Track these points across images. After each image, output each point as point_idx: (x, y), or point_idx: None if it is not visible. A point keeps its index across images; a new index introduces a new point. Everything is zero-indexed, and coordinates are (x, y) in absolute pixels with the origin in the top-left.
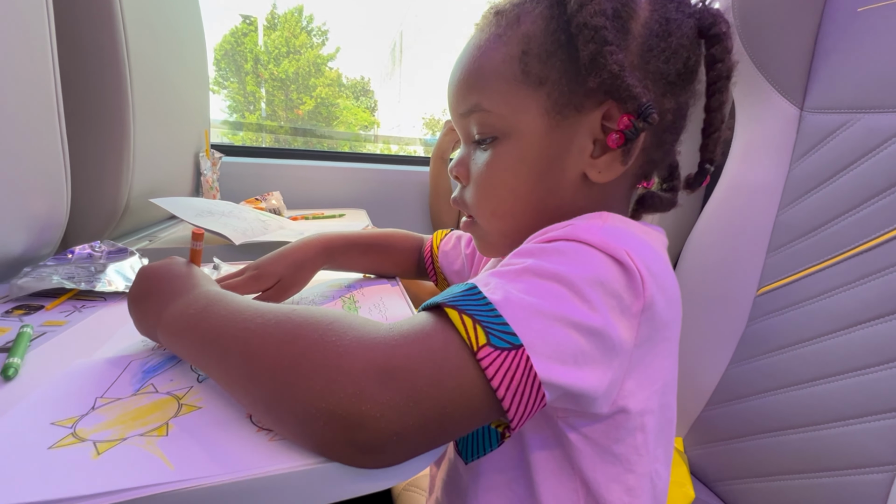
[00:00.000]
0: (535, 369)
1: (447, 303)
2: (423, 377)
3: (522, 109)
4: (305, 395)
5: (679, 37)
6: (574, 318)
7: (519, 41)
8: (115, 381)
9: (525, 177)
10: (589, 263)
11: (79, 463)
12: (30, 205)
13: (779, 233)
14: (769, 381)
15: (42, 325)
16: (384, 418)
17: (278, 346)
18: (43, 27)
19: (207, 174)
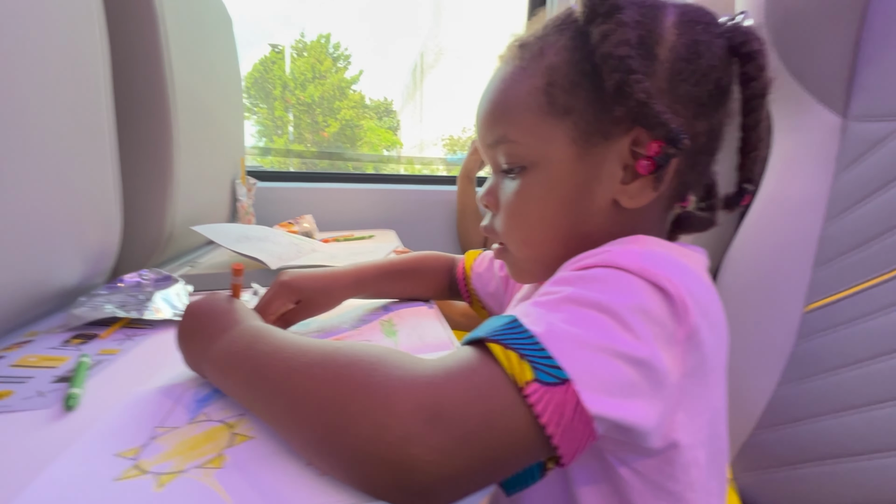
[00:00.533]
0: (584, 404)
1: (490, 337)
2: (472, 418)
3: (549, 139)
4: (354, 440)
5: (709, 58)
6: (619, 349)
7: (543, 73)
8: (171, 410)
9: (554, 205)
10: (629, 291)
11: (143, 496)
12: (86, 236)
13: (826, 247)
14: (823, 403)
15: (98, 353)
16: (435, 462)
17: (323, 388)
18: (99, 71)
19: (243, 200)
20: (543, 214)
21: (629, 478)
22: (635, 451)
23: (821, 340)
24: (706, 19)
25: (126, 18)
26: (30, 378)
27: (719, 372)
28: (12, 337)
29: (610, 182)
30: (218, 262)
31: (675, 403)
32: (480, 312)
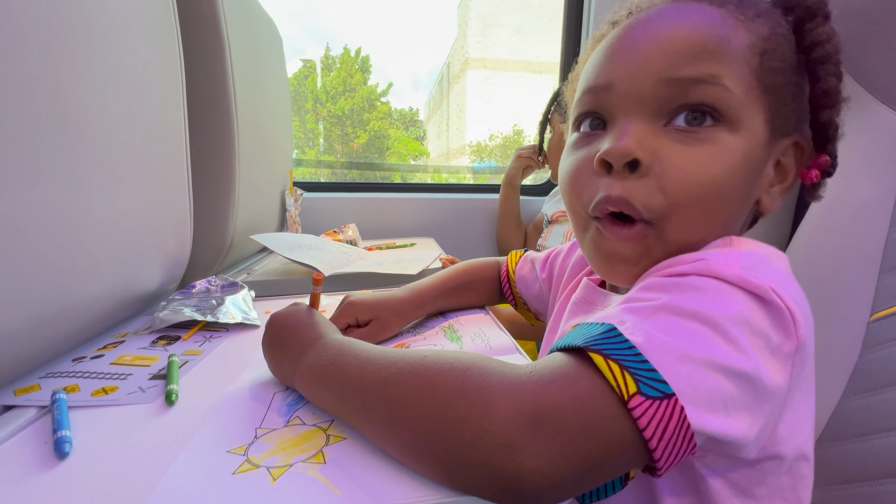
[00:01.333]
0: (688, 419)
1: (591, 347)
2: (575, 427)
3: (754, 108)
4: (456, 445)
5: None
6: (722, 362)
7: (762, 38)
8: (267, 412)
9: (741, 183)
10: (730, 301)
11: (261, 487)
12: (165, 244)
13: (892, 253)
14: (890, 417)
15: (183, 353)
16: (539, 470)
17: (419, 396)
18: (178, 94)
19: (291, 210)
20: (729, 191)
21: (717, 486)
22: (729, 460)
23: (888, 351)
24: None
25: (198, 44)
26: (129, 375)
27: (812, 380)
28: (105, 338)
29: (763, 180)
30: (271, 269)
31: (776, 417)
32: (526, 315)
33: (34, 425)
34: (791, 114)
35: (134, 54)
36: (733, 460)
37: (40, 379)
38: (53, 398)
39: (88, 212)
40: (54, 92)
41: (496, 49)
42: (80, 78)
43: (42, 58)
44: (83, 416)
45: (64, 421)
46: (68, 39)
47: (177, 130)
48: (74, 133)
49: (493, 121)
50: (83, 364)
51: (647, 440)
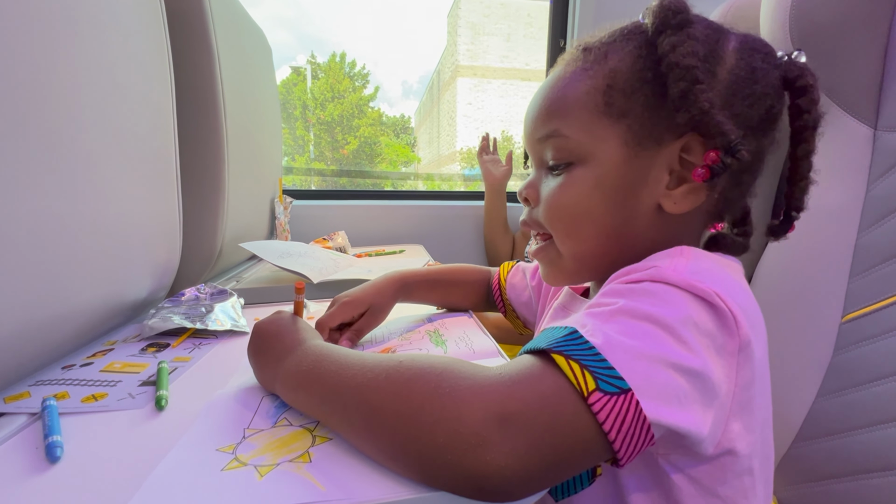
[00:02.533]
0: (644, 412)
1: (553, 348)
2: (541, 424)
3: (602, 139)
4: (430, 448)
5: (763, 85)
6: (673, 360)
7: (605, 76)
8: (255, 414)
9: (599, 202)
10: (679, 304)
11: (248, 483)
12: (153, 253)
13: (861, 256)
14: (863, 415)
15: (172, 360)
16: (508, 467)
17: (394, 401)
18: (168, 107)
19: (280, 218)
20: (588, 209)
21: (681, 483)
22: (689, 456)
23: (859, 351)
24: (765, 49)
25: (187, 53)
26: (119, 382)
27: (765, 379)
28: (94, 346)
29: (655, 186)
30: (260, 276)
31: (728, 413)
32: (514, 323)
33: (24, 432)
34: (660, 123)
35: (124, 63)
36: (694, 457)
37: (30, 387)
38: (44, 405)
39: (77, 220)
40: (43, 101)
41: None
42: (70, 88)
43: (30, 67)
44: (73, 423)
45: (55, 426)
46: (57, 51)
47: (166, 139)
48: (63, 141)
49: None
50: (72, 372)
51: (607, 433)
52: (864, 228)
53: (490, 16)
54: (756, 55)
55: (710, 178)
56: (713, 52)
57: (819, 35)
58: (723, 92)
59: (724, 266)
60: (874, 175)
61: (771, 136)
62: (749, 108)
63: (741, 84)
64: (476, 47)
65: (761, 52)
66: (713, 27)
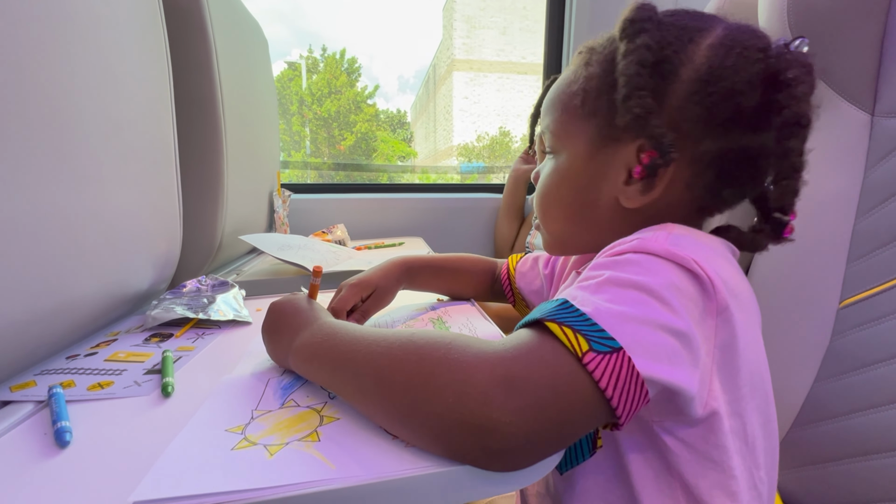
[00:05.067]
0: (636, 368)
1: (546, 317)
2: (543, 385)
3: (574, 135)
4: (439, 408)
5: (733, 82)
6: (660, 321)
7: (585, 79)
8: (262, 396)
9: (566, 189)
10: (661, 271)
11: (259, 461)
12: (154, 244)
13: (859, 242)
14: (860, 399)
15: (176, 349)
16: (512, 424)
17: (407, 365)
18: (167, 100)
19: (279, 211)
20: (558, 195)
21: (675, 447)
22: (679, 420)
23: (856, 336)
24: (746, 44)
25: (185, 46)
26: (124, 370)
27: (755, 347)
28: (98, 337)
29: (614, 180)
30: (260, 269)
31: (709, 372)
32: (524, 312)
33: (32, 419)
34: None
35: (122, 56)
36: (686, 420)
37: (35, 376)
38: (50, 392)
39: (77, 212)
40: (44, 94)
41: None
42: (70, 80)
43: (31, 60)
44: (80, 410)
45: (63, 412)
46: (57, 42)
47: (165, 131)
48: (64, 134)
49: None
50: (77, 361)
51: (604, 390)
52: (862, 214)
53: (486, 9)
54: (732, 52)
55: (645, 176)
56: (676, 56)
57: (816, 21)
58: (682, 94)
59: (705, 241)
60: (872, 161)
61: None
62: (710, 109)
63: (703, 83)
64: (472, 41)
65: (739, 48)
66: (688, 27)
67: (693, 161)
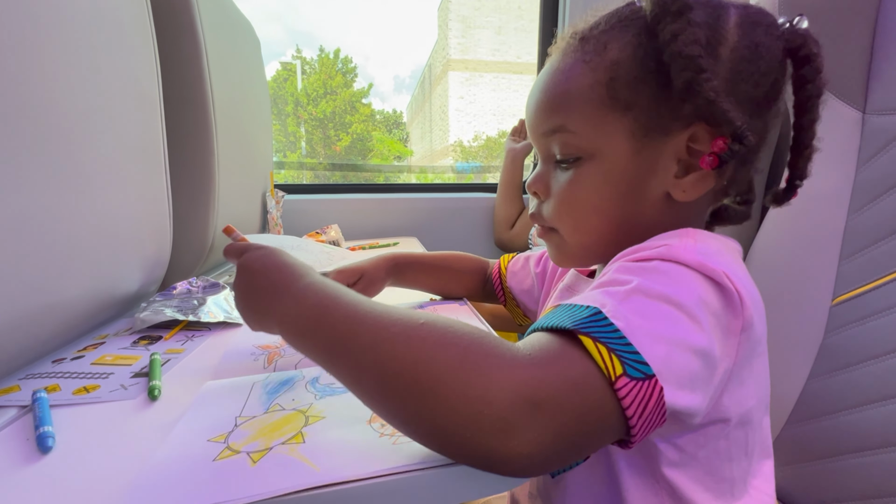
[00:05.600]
0: (664, 397)
1: (580, 329)
2: (570, 412)
3: (608, 132)
4: (449, 424)
5: (768, 60)
6: (690, 342)
7: (607, 68)
8: (247, 401)
9: (609, 196)
10: (692, 284)
11: (242, 471)
12: (144, 248)
13: (851, 239)
14: (853, 396)
15: (165, 352)
16: (531, 455)
17: (414, 367)
18: (155, 101)
19: (273, 212)
20: (597, 204)
21: (666, 450)
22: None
23: (849, 333)
24: (767, 21)
25: (174, 46)
26: (111, 374)
27: (764, 359)
28: (85, 340)
29: (664, 175)
30: None
31: (721, 387)
32: (514, 312)
33: (15, 424)
34: (666, 113)
35: (109, 57)
36: (682, 427)
37: (20, 380)
38: (34, 397)
39: (63, 213)
40: (28, 94)
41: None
42: (56, 81)
43: (15, 60)
44: (65, 414)
45: (46, 417)
46: (41, 42)
47: (154, 132)
48: (51, 135)
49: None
50: (63, 365)
51: (629, 418)
52: (854, 211)
53: (481, 9)
54: (758, 29)
55: (718, 165)
56: (714, 35)
57: (808, 19)
58: (727, 75)
59: (729, 249)
60: (863, 158)
61: (775, 110)
62: (754, 88)
63: (745, 64)
64: (467, 41)
65: (763, 25)
66: (712, 4)
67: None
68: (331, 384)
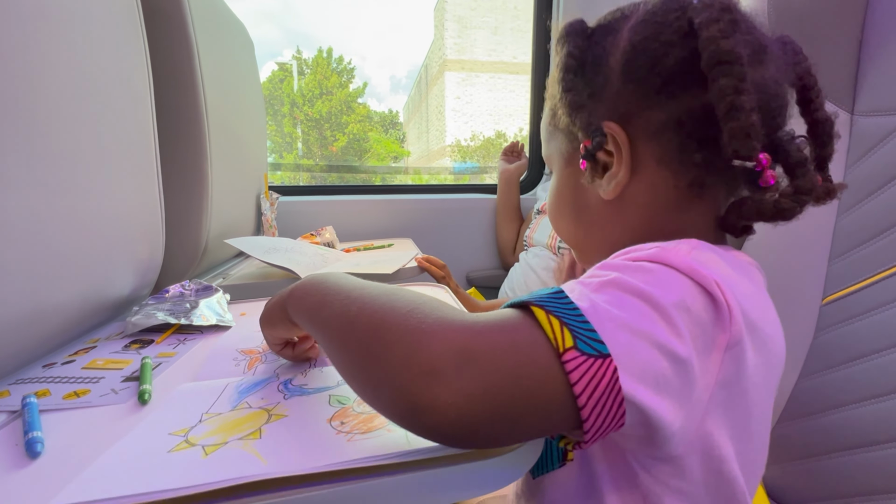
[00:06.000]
0: (619, 382)
1: (534, 301)
2: (503, 369)
3: (552, 151)
4: (384, 368)
5: (658, 46)
6: (660, 340)
7: (549, 98)
8: (217, 399)
9: (564, 202)
10: (675, 287)
11: (192, 462)
12: (136, 252)
13: (840, 239)
14: (846, 393)
15: (157, 356)
16: (454, 405)
17: (368, 320)
18: (146, 103)
19: (267, 214)
20: (558, 209)
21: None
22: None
23: (839, 332)
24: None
25: (165, 48)
26: (101, 378)
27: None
28: (77, 344)
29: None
30: (247, 273)
31: (702, 411)
32: None
33: (4, 430)
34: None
35: (99, 58)
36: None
37: (10, 385)
38: (23, 402)
39: (56, 216)
40: (20, 96)
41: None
42: (46, 82)
43: (4, 62)
44: (55, 419)
45: (35, 422)
46: (32, 43)
47: (146, 135)
48: (40, 137)
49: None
50: (54, 370)
51: (577, 396)
52: (843, 211)
53: (477, 9)
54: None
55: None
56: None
57: (797, 21)
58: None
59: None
60: (852, 159)
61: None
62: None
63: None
64: (463, 41)
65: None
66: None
67: (651, 136)
68: (302, 385)
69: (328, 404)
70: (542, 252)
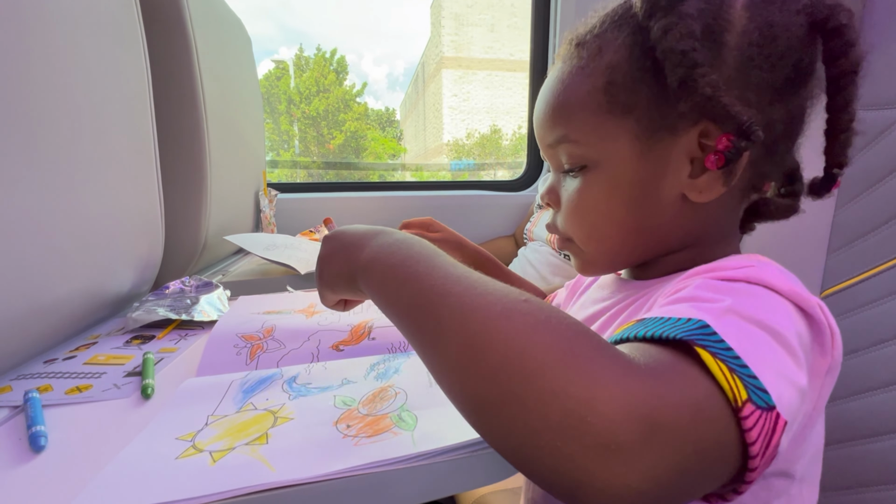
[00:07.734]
0: (782, 435)
1: (696, 341)
2: (689, 443)
3: (611, 138)
4: (538, 422)
5: (785, 39)
6: (794, 380)
7: (603, 72)
8: (221, 400)
9: (619, 202)
10: (786, 315)
11: (200, 470)
12: (136, 248)
13: (838, 232)
14: (845, 386)
15: (158, 351)
16: (637, 491)
17: (506, 346)
18: (145, 101)
19: (266, 211)
20: (608, 212)
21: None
22: None
23: (838, 325)
24: None
25: (163, 45)
26: (103, 373)
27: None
28: (77, 340)
29: (676, 176)
30: (247, 269)
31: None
32: None
33: (7, 424)
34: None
35: (98, 55)
36: None
37: (11, 381)
38: (26, 397)
39: (56, 214)
40: (19, 95)
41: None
42: (44, 81)
43: (4, 61)
44: (58, 414)
45: (38, 417)
46: (31, 42)
47: (144, 132)
48: (40, 135)
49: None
50: (55, 365)
51: (752, 458)
52: (841, 205)
53: (473, 6)
54: (771, 6)
55: (724, 164)
56: (717, 20)
57: None
58: (735, 63)
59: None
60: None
61: (806, 92)
62: (770, 72)
63: (757, 47)
64: (460, 38)
65: (777, 1)
66: None
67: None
68: (307, 384)
69: (333, 405)
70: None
